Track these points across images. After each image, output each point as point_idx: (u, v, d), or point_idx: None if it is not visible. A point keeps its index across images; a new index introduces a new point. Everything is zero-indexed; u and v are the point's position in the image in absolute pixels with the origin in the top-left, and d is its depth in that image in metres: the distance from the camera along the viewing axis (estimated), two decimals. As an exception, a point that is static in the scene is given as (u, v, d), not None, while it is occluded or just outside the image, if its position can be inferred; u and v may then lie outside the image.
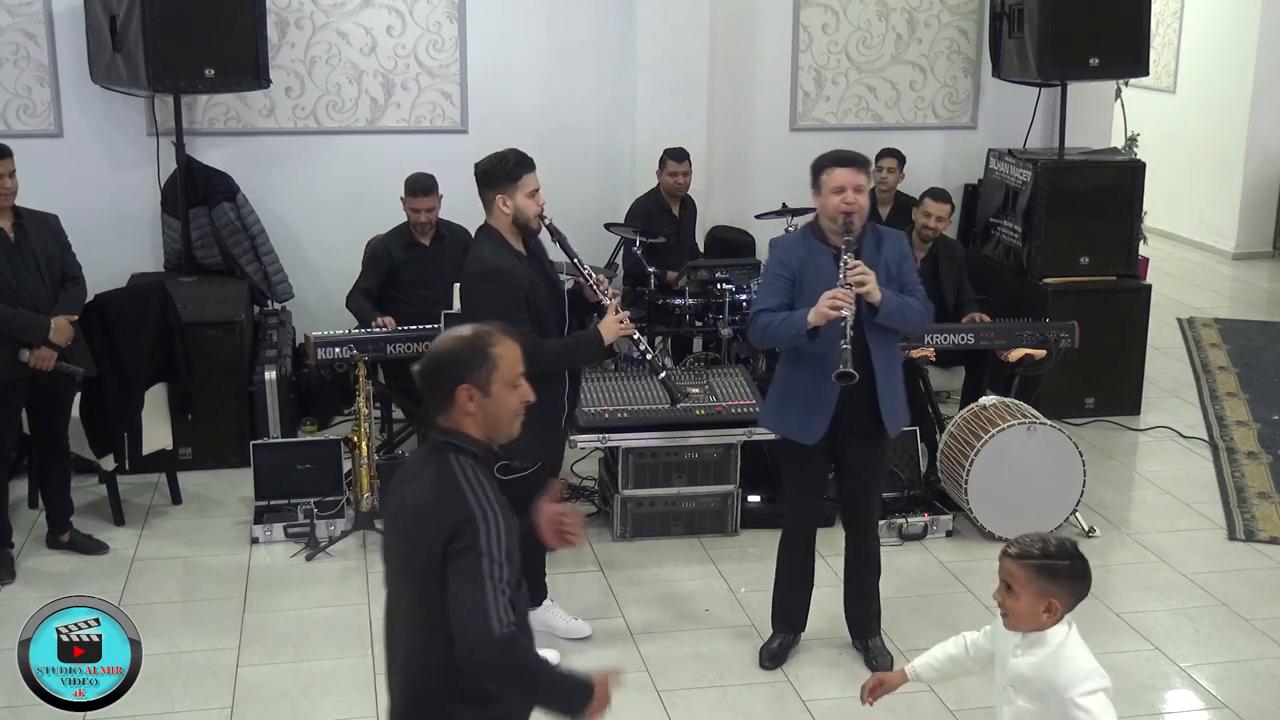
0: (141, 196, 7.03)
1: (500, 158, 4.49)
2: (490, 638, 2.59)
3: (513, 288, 4.38)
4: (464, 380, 2.74)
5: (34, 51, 6.89)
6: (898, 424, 4.62)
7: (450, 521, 2.65)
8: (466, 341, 2.79)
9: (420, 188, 6.36)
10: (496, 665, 2.62)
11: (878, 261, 4.46)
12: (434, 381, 2.79)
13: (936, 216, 6.47)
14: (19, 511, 5.81)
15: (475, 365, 2.75)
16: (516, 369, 2.81)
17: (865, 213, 4.48)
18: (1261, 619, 5.17)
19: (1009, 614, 3.08)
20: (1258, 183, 11.09)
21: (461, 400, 2.75)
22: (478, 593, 2.60)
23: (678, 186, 7.23)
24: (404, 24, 7.30)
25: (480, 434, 2.79)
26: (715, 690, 4.65)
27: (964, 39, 8.05)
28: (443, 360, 2.79)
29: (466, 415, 2.76)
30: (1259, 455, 6.83)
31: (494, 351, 2.77)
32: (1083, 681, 2.97)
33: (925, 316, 4.61)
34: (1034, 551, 3.04)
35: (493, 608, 2.59)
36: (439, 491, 2.71)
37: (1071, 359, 6.47)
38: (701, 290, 6.60)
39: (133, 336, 5.71)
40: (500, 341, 2.79)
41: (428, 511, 2.71)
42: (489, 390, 2.76)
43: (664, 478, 5.75)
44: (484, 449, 2.79)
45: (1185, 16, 11.62)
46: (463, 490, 2.69)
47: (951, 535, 5.84)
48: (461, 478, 2.71)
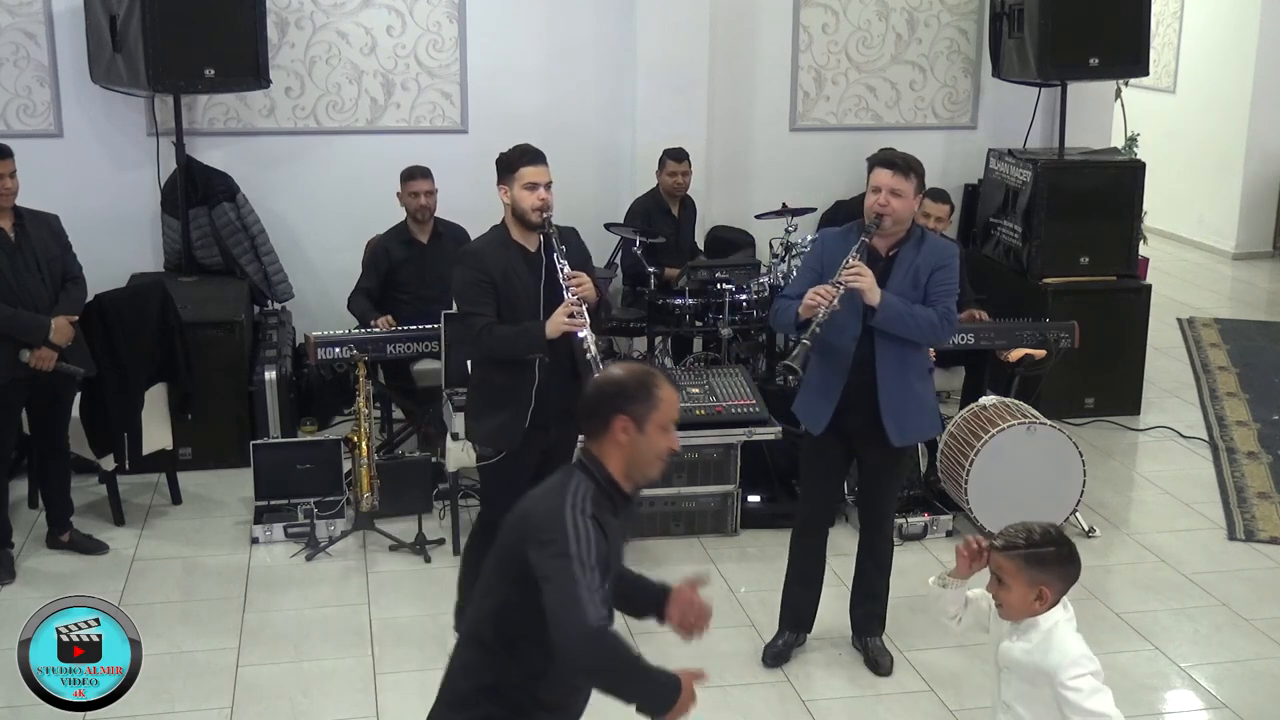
0: (141, 196, 7.03)
1: (509, 149, 4.62)
2: (586, 626, 2.66)
3: (479, 271, 4.46)
4: (623, 411, 2.87)
5: (34, 51, 6.89)
6: (905, 435, 4.56)
7: (541, 527, 2.76)
8: (636, 377, 2.93)
9: (416, 171, 6.46)
10: (593, 652, 2.70)
11: (911, 265, 4.43)
12: (595, 406, 2.91)
13: (935, 217, 6.45)
14: (19, 511, 5.81)
15: (638, 399, 2.88)
16: (673, 415, 2.93)
17: (900, 216, 4.42)
18: (1261, 619, 5.17)
19: (1002, 605, 3.13)
20: (1258, 183, 11.09)
21: (616, 429, 2.87)
22: (571, 588, 2.68)
23: (677, 186, 7.23)
24: (404, 24, 7.30)
25: (621, 466, 2.90)
26: (715, 690, 4.64)
27: (964, 39, 8.05)
28: (609, 388, 2.92)
29: (616, 445, 2.88)
30: (1259, 455, 6.83)
31: (658, 393, 2.90)
32: (1071, 666, 3.02)
33: (942, 330, 4.46)
34: (1019, 541, 3.08)
35: (587, 601, 2.67)
36: (542, 500, 2.85)
37: (1071, 359, 6.47)
38: (701, 290, 6.60)
39: (133, 336, 5.71)
40: (664, 386, 2.93)
41: (526, 515, 2.84)
42: (644, 427, 2.87)
43: (664, 478, 5.73)
44: (610, 482, 2.89)
45: (1185, 16, 11.61)
46: (564, 503, 2.78)
47: (951, 535, 5.84)
48: (570, 494, 2.81)
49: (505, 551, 2.86)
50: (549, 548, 2.73)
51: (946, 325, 4.47)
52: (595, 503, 2.82)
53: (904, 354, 4.48)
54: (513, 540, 2.83)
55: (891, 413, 4.50)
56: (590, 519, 2.77)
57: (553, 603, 2.70)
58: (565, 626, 2.69)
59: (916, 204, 4.46)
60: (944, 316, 4.45)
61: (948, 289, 4.46)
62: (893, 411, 4.49)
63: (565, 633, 2.69)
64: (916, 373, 4.54)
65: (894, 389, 4.49)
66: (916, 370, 4.55)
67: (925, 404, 4.60)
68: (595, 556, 2.73)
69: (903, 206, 4.40)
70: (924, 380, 4.59)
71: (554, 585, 2.70)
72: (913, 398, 4.53)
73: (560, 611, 2.69)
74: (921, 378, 4.57)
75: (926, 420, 4.63)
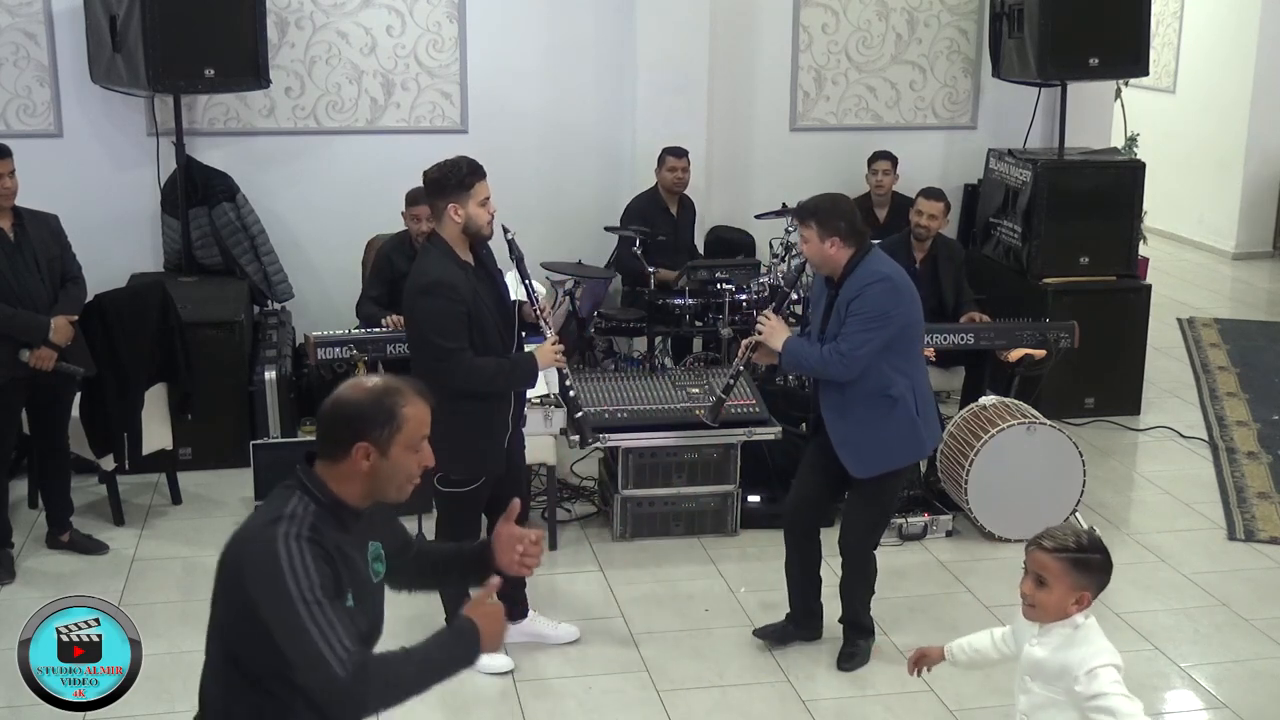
0: (141, 196, 7.03)
1: (453, 165, 4.40)
2: (339, 685, 2.49)
3: (454, 302, 4.30)
4: (363, 438, 2.61)
5: (34, 51, 6.89)
6: (862, 469, 4.54)
7: (257, 565, 2.55)
8: (375, 396, 2.64)
9: (420, 197, 6.37)
10: (359, 702, 2.53)
11: (842, 299, 4.47)
12: (333, 431, 2.65)
13: (929, 215, 6.46)
14: (19, 511, 5.81)
15: (379, 423, 2.61)
16: (421, 432, 2.67)
17: (813, 261, 4.51)
18: (1261, 619, 5.17)
19: (1037, 606, 3.08)
20: (1258, 183, 11.08)
21: (357, 458, 2.62)
22: (306, 643, 2.49)
23: (677, 183, 7.23)
24: (404, 24, 7.30)
25: (360, 492, 2.66)
26: (715, 690, 4.65)
27: (964, 39, 8.05)
28: (346, 411, 2.64)
29: (355, 473, 2.63)
30: (1259, 455, 6.83)
31: (403, 412, 2.63)
32: (1095, 657, 3.01)
33: (832, 368, 4.42)
34: (1070, 544, 3.06)
35: (327, 651, 2.48)
36: (257, 530, 2.60)
37: (1071, 359, 6.47)
38: (701, 290, 6.60)
39: (133, 336, 5.71)
40: (411, 401, 2.65)
41: (240, 547, 2.61)
42: (388, 452, 2.63)
43: (664, 478, 5.75)
44: (337, 504, 2.64)
45: (1185, 16, 11.61)
46: (276, 534, 2.55)
47: (951, 535, 5.84)
48: (285, 521, 2.58)
49: (226, 587, 2.62)
50: (270, 593, 2.51)
51: (835, 363, 4.40)
52: (315, 526, 2.58)
53: (841, 386, 4.48)
54: (230, 576, 2.60)
55: (844, 445, 4.53)
56: (307, 541, 2.54)
57: (293, 658, 2.50)
58: (317, 691, 2.51)
59: (830, 245, 4.42)
60: (830, 354, 4.42)
61: (851, 323, 4.40)
62: (845, 443, 4.53)
63: (321, 697, 2.52)
64: (865, 402, 4.47)
65: (838, 421, 4.53)
66: (864, 399, 4.47)
67: (884, 432, 4.49)
68: (319, 585, 2.51)
69: (811, 251, 4.49)
70: (877, 408, 4.47)
71: (288, 639, 2.50)
72: (863, 428, 4.49)
73: (307, 674, 2.50)
74: (873, 405, 4.46)
75: (890, 450, 4.53)
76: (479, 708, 4.53)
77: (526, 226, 7.06)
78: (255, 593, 2.53)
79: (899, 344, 4.46)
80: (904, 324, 4.46)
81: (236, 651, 2.64)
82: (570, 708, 4.54)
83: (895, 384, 4.47)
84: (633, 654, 4.86)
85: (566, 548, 5.73)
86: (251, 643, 2.58)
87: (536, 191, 7.49)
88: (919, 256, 6.49)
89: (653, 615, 5.16)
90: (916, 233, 6.48)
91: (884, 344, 4.40)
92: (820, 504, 4.83)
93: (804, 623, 4.89)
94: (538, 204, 7.47)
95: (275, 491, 2.70)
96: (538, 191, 7.50)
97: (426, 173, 4.45)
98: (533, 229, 7.27)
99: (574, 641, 4.93)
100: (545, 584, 5.33)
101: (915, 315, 4.55)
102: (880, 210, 7.55)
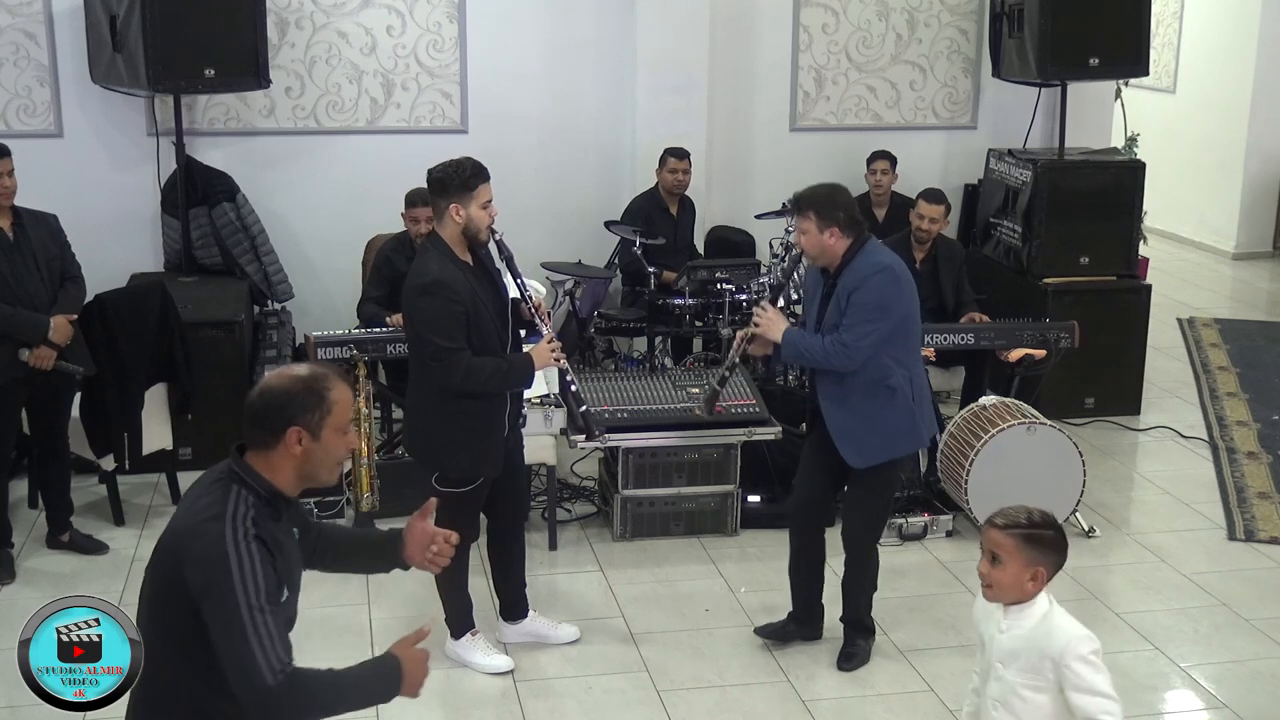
0: (141, 196, 7.03)
1: (457, 166, 4.40)
2: (265, 691, 2.55)
3: (453, 302, 4.30)
4: (295, 422, 2.68)
5: (34, 51, 6.89)
6: (861, 459, 4.55)
7: (202, 560, 2.57)
8: (303, 382, 2.71)
9: (420, 199, 6.37)
10: (278, 711, 2.58)
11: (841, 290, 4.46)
12: (263, 418, 2.71)
13: (929, 218, 6.46)
14: (19, 511, 5.81)
15: (309, 408, 2.69)
16: (348, 415, 2.75)
17: (811, 253, 4.50)
18: (1261, 619, 5.17)
19: (993, 585, 3.14)
20: (1258, 183, 11.08)
21: (290, 442, 2.69)
22: (242, 646, 2.54)
23: (677, 184, 7.23)
24: (404, 24, 7.29)
25: (292, 477, 2.73)
26: (715, 690, 4.65)
27: (964, 39, 8.05)
28: (276, 398, 2.71)
29: (289, 457, 2.70)
30: (1259, 455, 6.83)
31: (330, 395, 2.71)
32: (1077, 644, 3.05)
33: (834, 359, 4.42)
34: (1021, 520, 3.14)
35: (262, 658, 2.54)
36: (199, 525, 2.63)
37: (1071, 359, 6.47)
38: (701, 290, 6.60)
39: (133, 336, 5.71)
40: (336, 385, 2.74)
41: (180, 542, 2.64)
42: (319, 435, 2.70)
43: (664, 478, 5.74)
44: (273, 493, 2.71)
45: (1185, 16, 11.61)
46: (224, 529, 2.60)
47: (951, 535, 5.84)
48: (230, 516, 2.62)
49: (162, 584, 2.66)
50: (212, 589, 2.55)
51: (837, 354, 4.42)
52: (257, 520, 2.64)
53: (839, 375, 4.49)
54: (169, 572, 2.63)
55: (843, 435, 4.54)
56: (254, 540, 2.60)
57: (225, 658, 2.57)
58: (242, 693, 2.57)
59: (829, 235, 4.42)
60: (833, 345, 4.42)
61: (853, 313, 4.40)
62: (843, 434, 4.53)
63: (245, 698, 2.57)
64: (863, 392, 4.48)
65: (836, 411, 4.53)
66: (863, 389, 4.48)
67: (883, 423, 4.51)
68: (264, 591, 2.57)
69: (809, 243, 4.47)
70: (876, 398, 4.48)
71: (224, 638, 2.56)
72: (862, 418, 4.50)
73: (237, 677, 2.56)
74: (872, 395, 4.48)
75: (889, 440, 4.54)
76: (479, 708, 4.53)
77: (526, 226, 7.12)
78: (198, 591, 2.57)
79: (898, 334, 4.48)
80: (903, 314, 4.48)
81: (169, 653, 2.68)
82: (570, 708, 4.53)
83: (893, 374, 4.48)
84: (633, 654, 4.86)
85: (566, 548, 5.73)
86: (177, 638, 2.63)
87: (537, 191, 7.49)
88: (919, 257, 6.49)
89: (653, 615, 5.16)
90: (917, 235, 6.48)
91: (886, 335, 4.42)
92: (823, 500, 4.84)
93: (805, 622, 4.89)
94: (538, 204, 7.47)
95: (203, 483, 2.74)
96: (538, 191, 7.50)
97: (430, 171, 4.46)
98: (533, 229, 7.29)
99: (574, 641, 4.93)
100: (545, 584, 5.34)
101: (914, 307, 4.57)
102: (879, 210, 7.56)
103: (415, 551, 3.05)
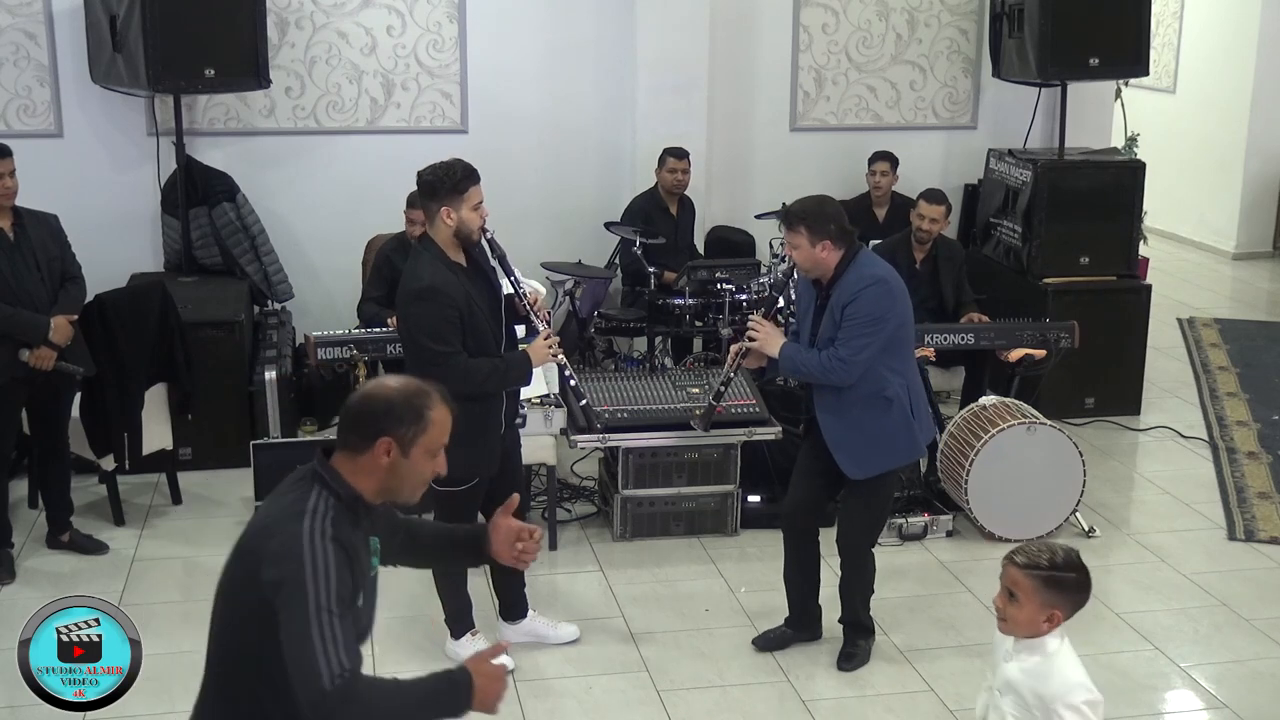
0: (141, 196, 7.03)
1: (447, 168, 4.39)
2: (321, 694, 2.48)
3: (447, 307, 4.29)
4: (388, 433, 2.63)
5: (34, 51, 6.89)
6: (858, 470, 4.53)
7: (278, 555, 2.54)
8: (406, 395, 2.67)
9: (417, 200, 6.39)
10: (335, 718, 2.52)
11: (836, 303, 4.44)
12: (358, 421, 2.67)
13: (930, 218, 6.46)
14: (19, 511, 5.81)
15: (406, 422, 2.64)
16: (443, 439, 2.71)
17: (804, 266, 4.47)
18: (1261, 619, 5.17)
19: (1008, 620, 3.07)
20: (1258, 183, 11.08)
21: (379, 451, 2.64)
22: (306, 647, 2.49)
23: (677, 184, 7.23)
24: (404, 24, 7.30)
25: (375, 487, 2.67)
26: (715, 690, 4.65)
27: (964, 39, 8.05)
28: (376, 405, 2.67)
29: (375, 467, 2.65)
30: (1259, 455, 6.83)
31: (430, 415, 2.67)
32: (1070, 692, 2.97)
33: (832, 373, 4.40)
34: (1042, 562, 3.03)
35: (322, 661, 2.48)
36: (278, 523, 2.59)
37: (1071, 359, 6.47)
38: (701, 290, 6.60)
39: (133, 336, 5.71)
40: (438, 406, 2.69)
41: (259, 538, 2.61)
42: (408, 452, 2.66)
43: (664, 478, 5.74)
44: (355, 499, 2.65)
45: (1185, 16, 11.61)
46: (301, 528, 2.55)
47: (951, 535, 5.84)
48: (309, 515, 2.58)
49: (240, 583, 2.61)
50: (284, 586, 2.50)
51: (835, 369, 4.39)
52: (336, 522, 2.58)
53: (837, 388, 4.47)
54: (249, 569, 2.58)
55: (840, 447, 4.52)
56: (331, 542, 2.55)
57: (288, 657, 2.50)
58: (299, 693, 2.50)
59: (821, 248, 4.39)
60: (830, 359, 4.40)
61: (848, 327, 4.38)
62: (841, 445, 4.52)
63: (302, 697, 2.50)
64: (861, 403, 4.46)
65: (834, 423, 4.52)
66: (860, 401, 4.46)
67: (880, 434, 4.49)
68: (335, 593, 2.51)
69: (802, 257, 4.45)
70: (873, 409, 4.46)
71: (291, 639, 2.50)
72: (859, 430, 4.49)
73: (296, 676, 2.50)
74: (869, 406, 4.46)
75: (886, 451, 4.53)
76: (479, 708, 4.53)
77: (527, 226, 7.13)
78: (271, 589, 2.52)
79: (893, 344, 4.45)
80: (898, 324, 4.47)
81: (230, 653, 2.63)
82: (570, 708, 4.54)
83: (890, 385, 4.47)
84: (633, 654, 4.86)
85: (566, 548, 5.73)
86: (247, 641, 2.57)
87: (536, 191, 7.50)
88: (919, 257, 6.49)
89: (653, 615, 5.16)
90: (917, 235, 6.49)
91: (881, 346, 4.41)
92: (817, 505, 4.81)
93: (803, 625, 4.89)
94: (538, 204, 7.47)
95: (288, 484, 2.69)
96: (538, 191, 7.51)
97: (420, 174, 4.44)
98: (533, 229, 7.30)
99: (574, 641, 4.93)
100: (545, 584, 5.34)
101: (908, 315, 4.55)
102: (879, 210, 7.56)
103: (503, 548, 3.00)
